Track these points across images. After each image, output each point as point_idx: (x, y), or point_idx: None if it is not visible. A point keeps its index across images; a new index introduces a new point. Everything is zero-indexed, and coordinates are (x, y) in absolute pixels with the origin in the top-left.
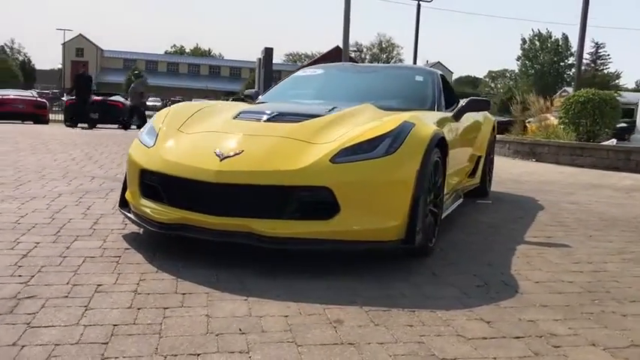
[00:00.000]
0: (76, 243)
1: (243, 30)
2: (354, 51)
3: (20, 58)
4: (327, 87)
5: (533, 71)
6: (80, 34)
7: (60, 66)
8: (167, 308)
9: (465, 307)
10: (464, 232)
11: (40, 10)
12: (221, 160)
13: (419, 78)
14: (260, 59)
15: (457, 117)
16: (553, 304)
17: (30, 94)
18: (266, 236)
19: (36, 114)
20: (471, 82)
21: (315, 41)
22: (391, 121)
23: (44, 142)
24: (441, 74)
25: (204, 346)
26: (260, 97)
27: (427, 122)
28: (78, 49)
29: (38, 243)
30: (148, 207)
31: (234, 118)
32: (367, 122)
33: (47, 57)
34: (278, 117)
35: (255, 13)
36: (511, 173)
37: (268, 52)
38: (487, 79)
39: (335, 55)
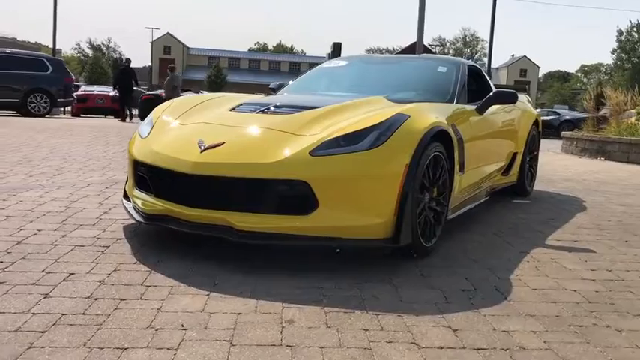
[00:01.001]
0: (76, 232)
1: (326, 27)
2: (437, 45)
3: (115, 56)
4: (347, 78)
5: (630, 65)
6: (168, 33)
7: (150, 63)
8: (124, 300)
9: (439, 312)
10: (479, 232)
11: (134, 10)
12: (201, 152)
13: (442, 69)
14: (329, 54)
15: (481, 110)
16: (541, 313)
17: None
18: (242, 230)
19: (115, 109)
20: (561, 76)
21: (398, 36)
22: (385, 112)
23: (105, 134)
24: (471, 65)
25: (137, 340)
26: (283, 89)
27: (427, 114)
28: (165, 47)
29: (40, 230)
30: (140, 198)
31: (230, 110)
32: (368, 114)
33: (139, 55)
34: (275, 108)
35: (337, 8)
36: (570, 172)
37: (337, 48)
38: (579, 74)
39: (414, 50)
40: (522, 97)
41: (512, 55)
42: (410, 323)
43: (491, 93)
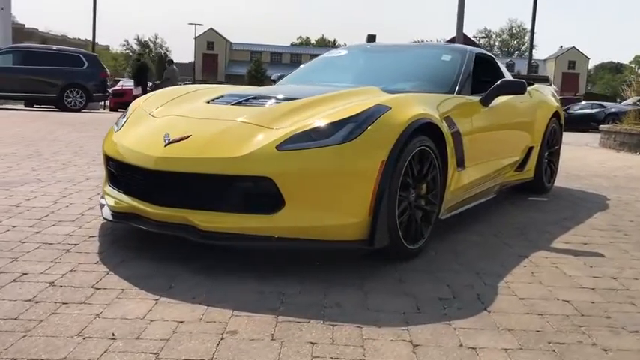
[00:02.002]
0: (51, 228)
1: (369, 19)
2: (482, 37)
3: (162, 52)
4: (346, 69)
5: None
6: (211, 28)
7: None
8: (65, 304)
9: (405, 324)
10: (479, 232)
11: (179, 6)
12: (165, 146)
13: (445, 58)
14: None
15: (485, 101)
16: (521, 327)
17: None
18: (204, 230)
19: None
20: (614, 68)
21: (442, 27)
22: (364, 103)
23: None
24: (480, 53)
25: (56, 351)
26: (281, 80)
27: (412, 106)
28: (209, 43)
29: (15, 227)
30: (110, 195)
31: (208, 102)
32: (347, 106)
33: (182, 51)
34: (252, 100)
35: (382, 2)
36: (603, 167)
37: (371, 40)
38: (633, 65)
39: (458, 42)
40: (544, 88)
41: (561, 47)
42: (367, 336)
43: (496, 83)
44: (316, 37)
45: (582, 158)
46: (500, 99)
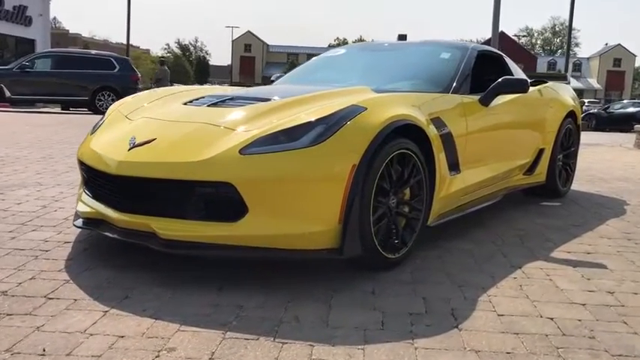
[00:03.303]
0: (30, 234)
1: (409, 19)
2: (524, 36)
3: (201, 55)
4: (342, 68)
5: None
6: (248, 31)
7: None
8: (9, 315)
9: (362, 342)
10: (475, 239)
11: (218, 10)
12: (129, 150)
13: (445, 55)
14: None
15: (485, 101)
16: (490, 349)
17: None
18: (164, 238)
19: None
20: None
21: (481, 26)
22: (338, 104)
23: None
24: (485, 50)
25: None
26: (277, 80)
27: (391, 107)
28: (246, 45)
29: None
30: (82, 201)
31: (185, 104)
32: (321, 107)
33: (222, 53)
34: (229, 101)
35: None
36: (631, 170)
37: (401, 39)
38: None
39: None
40: (559, 86)
41: (606, 44)
42: (316, 356)
43: (496, 81)
44: (354, 38)
45: (612, 160)
46: (505, 98)
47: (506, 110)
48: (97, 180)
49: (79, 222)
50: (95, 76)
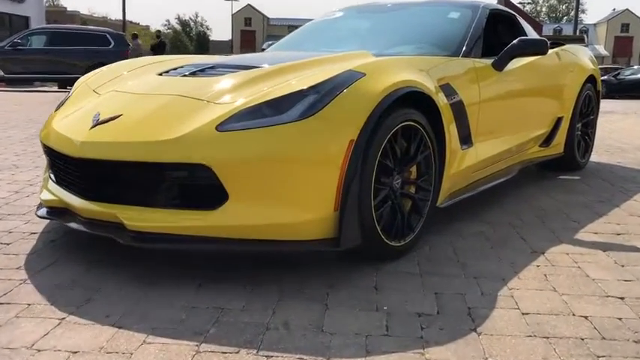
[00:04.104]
0: None
1: None
2: (528, 3)
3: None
4: (340, 32)
5: None
6: (248, 5)
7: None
8: None
9: (364, 353)
10: (490, 221)
11: None
12: (91, 128)
13: (453, 15)
14: None
15: (499, 65)
16: (517, 358)
17: None
18: (132, 230)
19: None
20: None
21: None
22: (330, 71)
23: None
24: (497, 9)
25: None
26: (269, 48)
27: (393, 72)
28: (246, 19)
29: None
30: (47, 187)
31: (159, 74)
32: (314, 75)
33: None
34: (209, 70)
35: None
36: None
37: None
38: None
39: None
40: (577, 49)
41: (614, 9)
42: None
43: (512, 43)
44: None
45: (628, 129)
46: (520, 62)
47: (522, 75)
48: (59, 163)
49: (43, 211)
50: (90, 53)
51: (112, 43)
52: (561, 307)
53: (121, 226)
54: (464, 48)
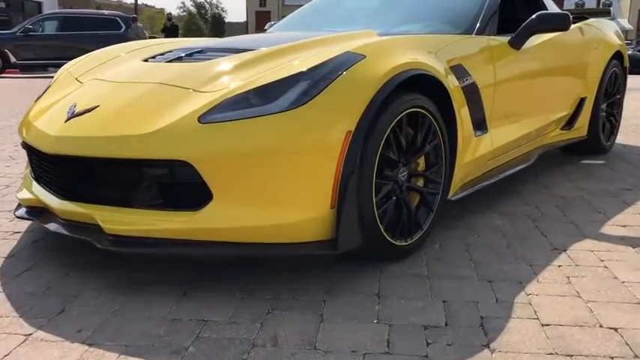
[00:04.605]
0: None
1: None
2: None
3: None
4: (342, 10)
5: None
6: None
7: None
8: None
9: None
10: (507, 213)
11: None
12: (66, 121)
13: None
14: None
15: (516, 43)
16: None
17: None
18: (109, 234)
19: None
20: None
21: None
22: (326, 53)
23: None
24: None
25: None
26: (270, 28)
27: (397, 53)
28: (261, 0)
29: None
30: (26, 185)
31: (144, 60)
32: (308, 57)
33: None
34: (197, 54)
35: None
36: None
37: None
38: None
39: None
40: (602, 23)
41: None
42: None
43: (530, 18)
44: None
45: None
46: (540, 39)
47: (542, 53)
48: (35, 159)
49: (21, 212)
50: (100, 37)
51: (122, 27)
52: (587, 317)
53: (100, 229)
54: (477, 25)
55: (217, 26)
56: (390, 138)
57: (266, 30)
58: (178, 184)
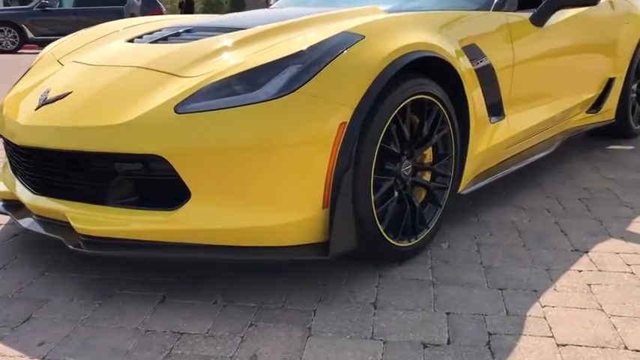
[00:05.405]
0: None
1: None
2: None
3: None
4: None
5: None
6: None
7: None
8: None
9: None
10: (524, 207)
11: None
12: (36, 109)
13: None
14: None
15: (538, 19)
16: None
17: None
18: (82, 234)
19: None
20: None
21: None
22: (324, 31)
23: None
24: None
25: None
26: (275, 3)
27: (400, 33)
28: None
29: None
30: (3, 177)
31: (128, 40)
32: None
33: None
34: (185, 34)
35: None
36: None
37: None
38: None
39: None
40: None
41: None
42: None
43: None
44: None
45: None
46: (565, 14)
47: (568, 30)
48: (8, 149)
49: None
50: (116, 12)
51: (139, 2)
52: (609, 335)
53: (70, 227)
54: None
55: (238, 1)
56: (391, 129)
57: (270, 4)
58: (153, 181)
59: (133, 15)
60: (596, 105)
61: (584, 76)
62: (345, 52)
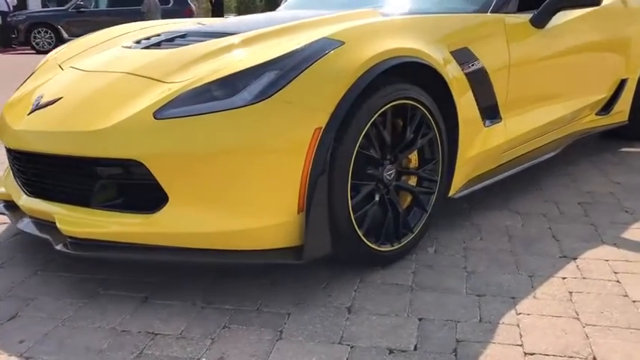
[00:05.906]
0: None
1: None
2: None
3: None
4: None
5: None
6: None
7: None
8: None
9: None
10: (520, 211)
11: None
12: (29, 113)
13: None
14: None
15: (539, 21)
16: None
17: None
18: (68, 236)
19: None
20: None
21: None
22: (307, 37)
23: None
24: None
25: None
26: (282, 6)
27: (381, 38)
28: None
29: None
30: (5, 178)
31: (125, 46)
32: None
33: None
34: (179, 39)
35: None
36: None
37: None
38: None
39: None
40: None
41: None
42: None
43: None
44: None
45: None
46: (571, 14)
47: (574, 31)
48: (7, 152)
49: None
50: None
51: (170, 2)
52: (579, 345)
53: (57, 228)
54: (494, 1)
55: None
56: (370, 134)
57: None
58: (134, 185)
59: (151, 18)
60: (607, 107)
61: (592, 77)
62: (323, 58)
